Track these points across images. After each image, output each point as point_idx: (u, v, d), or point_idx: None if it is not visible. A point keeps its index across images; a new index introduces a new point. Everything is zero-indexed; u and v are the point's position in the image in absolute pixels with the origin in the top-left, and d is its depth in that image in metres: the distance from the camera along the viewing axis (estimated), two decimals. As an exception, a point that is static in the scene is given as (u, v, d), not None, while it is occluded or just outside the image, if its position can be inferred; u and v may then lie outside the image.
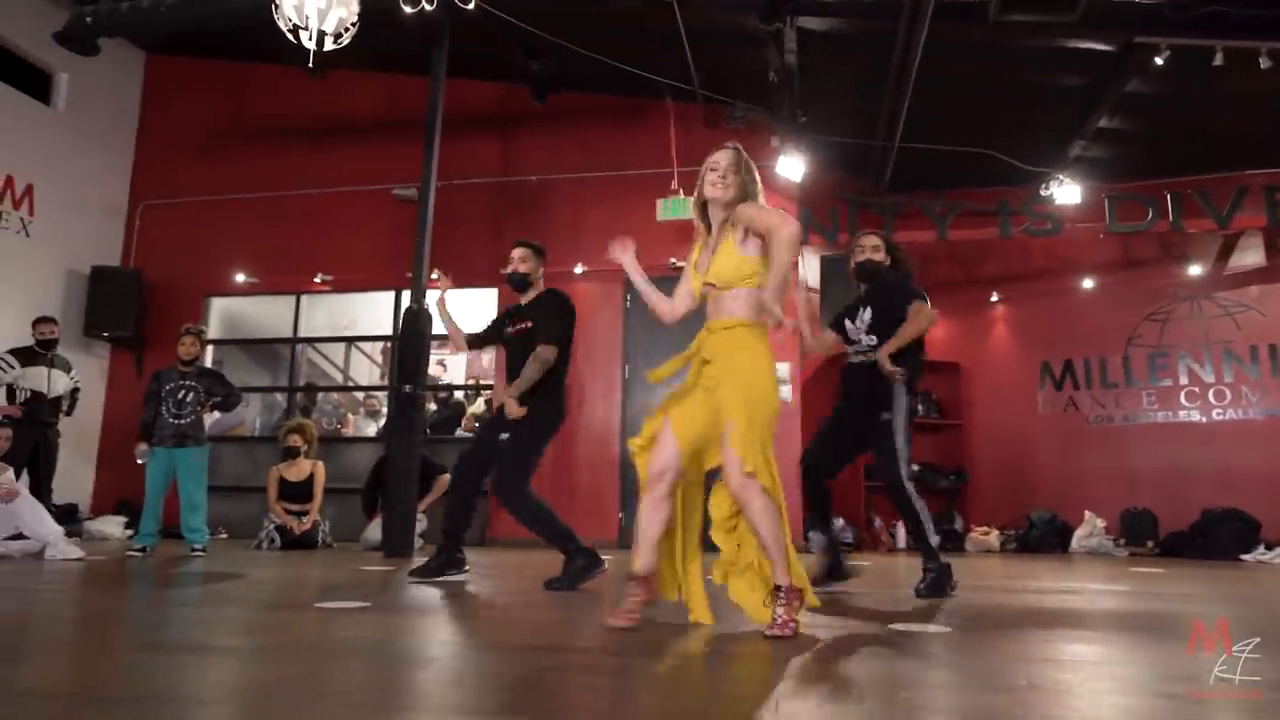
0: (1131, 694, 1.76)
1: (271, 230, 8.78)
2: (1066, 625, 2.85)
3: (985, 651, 2.27)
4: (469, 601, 3.46)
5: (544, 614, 3.06)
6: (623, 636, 2.38)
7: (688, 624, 2.62)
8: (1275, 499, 7.24)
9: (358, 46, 8.30)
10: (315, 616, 2.77)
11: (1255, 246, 7.80)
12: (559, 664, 2.06)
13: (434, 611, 3.04)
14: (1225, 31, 5.50)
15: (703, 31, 6.73)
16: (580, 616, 2.99)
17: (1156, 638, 2.57)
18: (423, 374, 6.22)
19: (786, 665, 2.01)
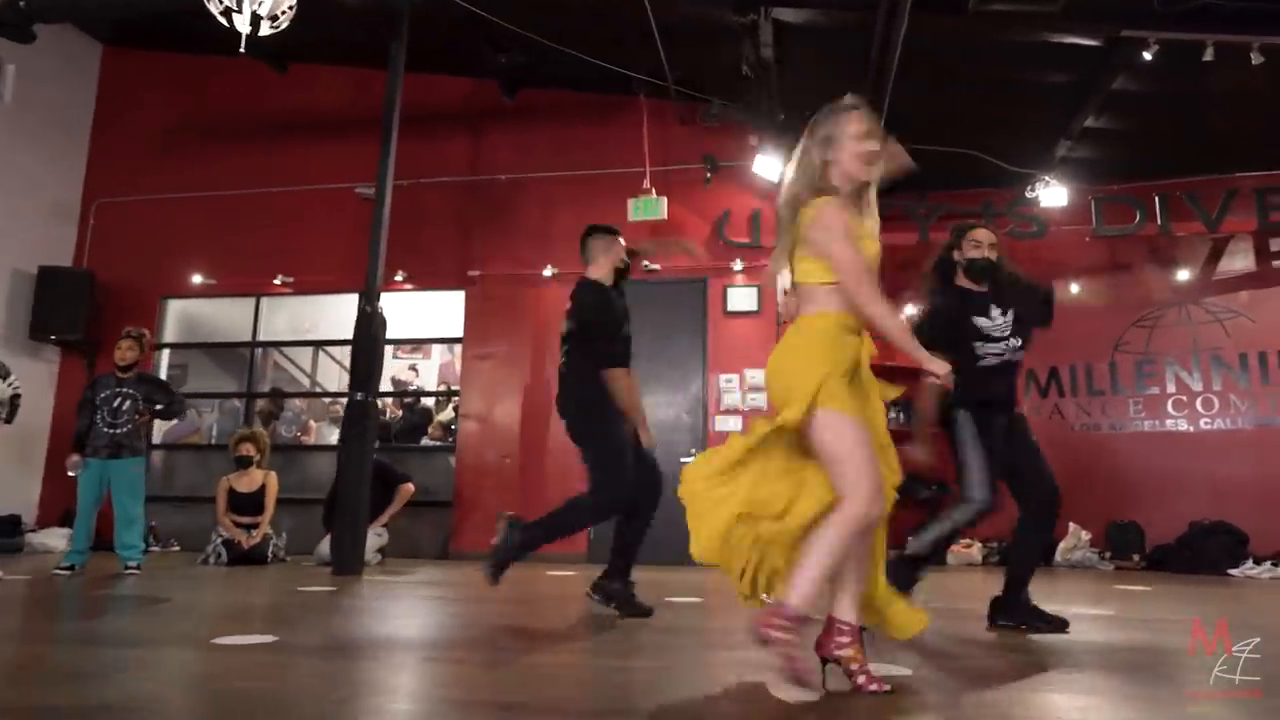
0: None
1: (231, 230, 8.44)
2: (1048, 667, 2.57)
3: (951, 708, 1.99)
4: (415, 632, 3.15)
5: (514, 655, 2.76)
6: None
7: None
8: (1264, 511, 6.99)
9: (319, 39, 8.11)
10: (202, 659, 2.47)
11: (1245, 251, 7.58)
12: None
13: (347, 651, 2.74)
14: (1216, 25, 5.26)
15: (675, 25, 6.46)
16: (569, 657, 2.69)
17: (1146, 681, 2.29)
18: (376, 380, 5.91)
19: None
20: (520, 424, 7.64)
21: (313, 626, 3.23)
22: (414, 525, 7.47)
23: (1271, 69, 5.45)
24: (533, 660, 2.61)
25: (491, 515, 7.48)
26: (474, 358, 7.93)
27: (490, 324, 7.90)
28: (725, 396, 7.28)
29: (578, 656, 2.75)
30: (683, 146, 7.68)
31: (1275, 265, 7.47)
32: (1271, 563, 6.72)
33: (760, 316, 7.39)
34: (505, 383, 7.76)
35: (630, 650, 2.84)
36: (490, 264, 7.94)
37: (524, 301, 7.83)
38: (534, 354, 7.78)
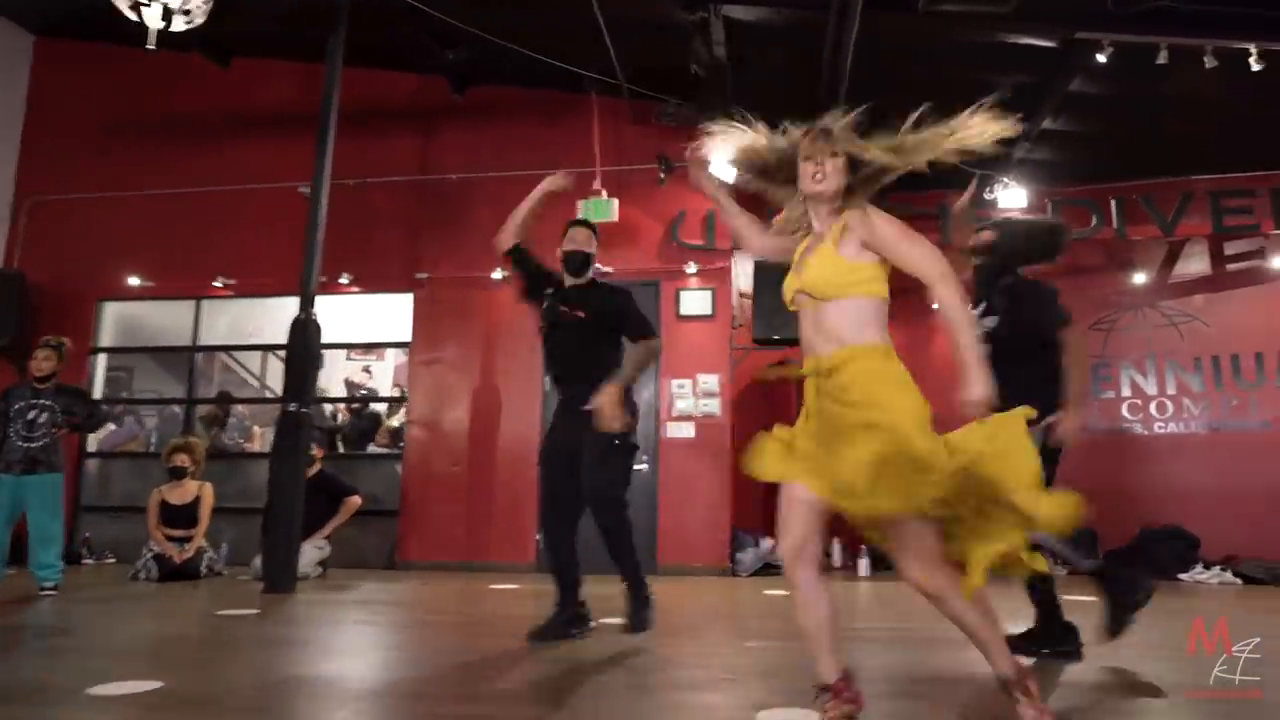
0: None
1: (170, 230, 8.13)
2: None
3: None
4: (333, 670, 2.96)
5: (436, 705, 2.57)
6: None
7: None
8: (1215, 516, 6.96)
9: (262, 32, 7.83)
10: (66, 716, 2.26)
11: (1200, 254, 7.55)
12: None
13: (238, 700, 2.53)
14: (1170, 28, 5.18)
15: (625, 22, 6.28)
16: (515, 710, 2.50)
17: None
18: (310, 390, 5.67)
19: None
20: (469, 431, 7.43)
21: (211, 665, 3.02)
22: (359, 535, 7.24)
23: (1225, 73, 5.39)
24: (459, 712, 2.43)
25: (440, 524, 7.29)
26: (422, 362, 7.70)
27: (439, 327, 7.68)
28: (678, 402, 7.12)
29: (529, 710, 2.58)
30: (636, 146, 7.50)
31: (1230, 269, 7.45)
32: (1220, 567, 6.71)
33: (714, 321, 7.24)
34: (454, 388, 7.54)
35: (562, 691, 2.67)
36: (439, 266, 7.71)
37: (474, 304, 7.61)
38: (484, 358, 7.57)
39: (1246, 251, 7.37)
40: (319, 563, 6.47)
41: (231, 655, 3.25)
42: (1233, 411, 7.25)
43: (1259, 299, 7.26)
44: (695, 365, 7.17)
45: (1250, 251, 7.34)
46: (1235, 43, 5.13)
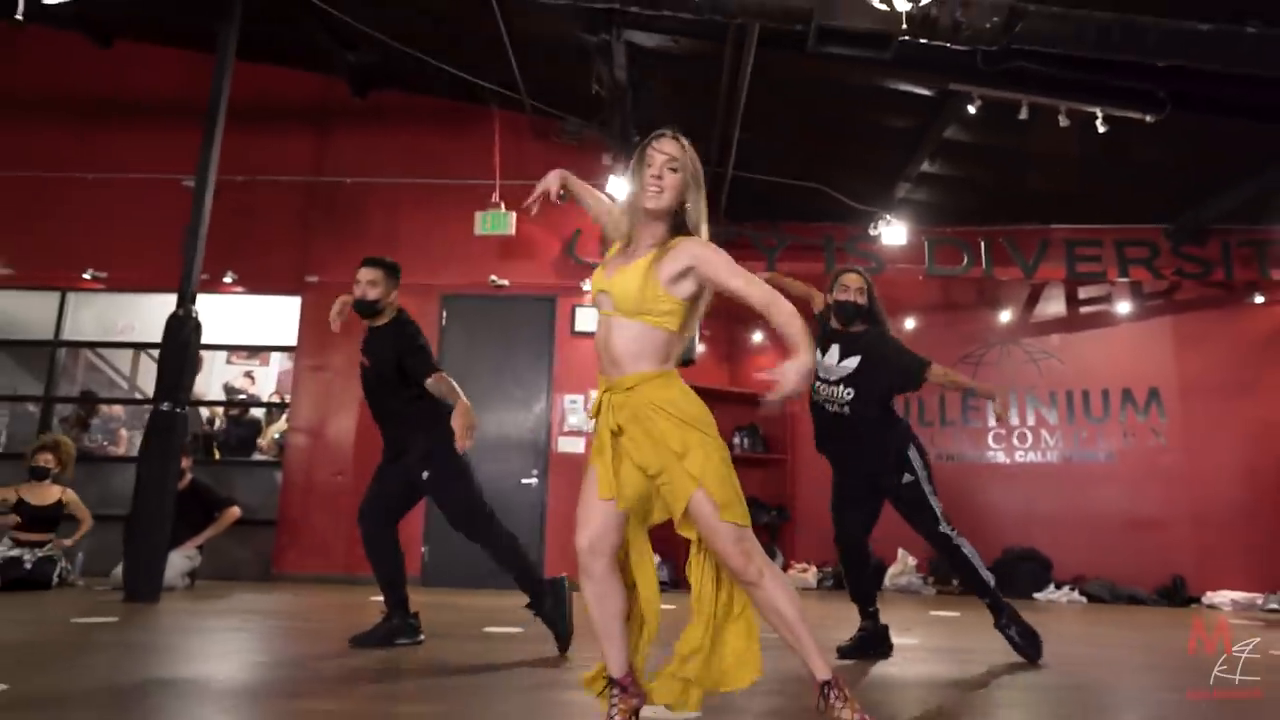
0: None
1: (34, 216, 7.66)
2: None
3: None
4: (190, 671, 2.85)
5: (286, 702, 2.50)
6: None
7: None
8: (1066, 540, 7.54)
9: (148, 15, 7.53)
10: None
11: (1058, 297, 8.18)
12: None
13: (92, 703, 2.43)
14: (1030, 87, 5.64)
15: (530, 38, 6.36)
16: (350, 704, 2.46)
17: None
18: (186, 390, 5.46)
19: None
20: (355, 439, 7.27)
21: (64, 669, 2.88)
22: (233, 546, 6.95)
23: (1079, 132, 5.89)
24: (310, 706, 2.40)
25: (320, 535, 7.09)
26: (308, 368, 7.50)
27: (328, 333, 7.42)
28: (570, 417, 7.18)
29: (365, 703, 2.56)
30: (537, 161, 7.55)
31: (1083, 312, 8.09)
32: (1069, 587, 7.23)
33: (608, 338, 7.35)
34: (340, 395, 7.37)
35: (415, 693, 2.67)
36: (330, 270, 7.54)
37: (364, 311, 7.47)
38: (373, 366, 7.43)
39: (1097, 296, 8.03)
40: (187, 573, 6.17)
41: (87, 659, 3.10)
42: (1082, 443, 7.85)
43: (1107, 341, 7.92)
44: (588, 381, 7.24)
45: (1100, 297, 8.01)
46: (1085, 106, 5.63)
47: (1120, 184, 7.15)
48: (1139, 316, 7.81)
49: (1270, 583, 6.74)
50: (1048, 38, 4.75)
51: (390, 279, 3.95)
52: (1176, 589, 7.09)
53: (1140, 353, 7.73)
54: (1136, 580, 7.23)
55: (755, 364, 9.07)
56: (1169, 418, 7.54)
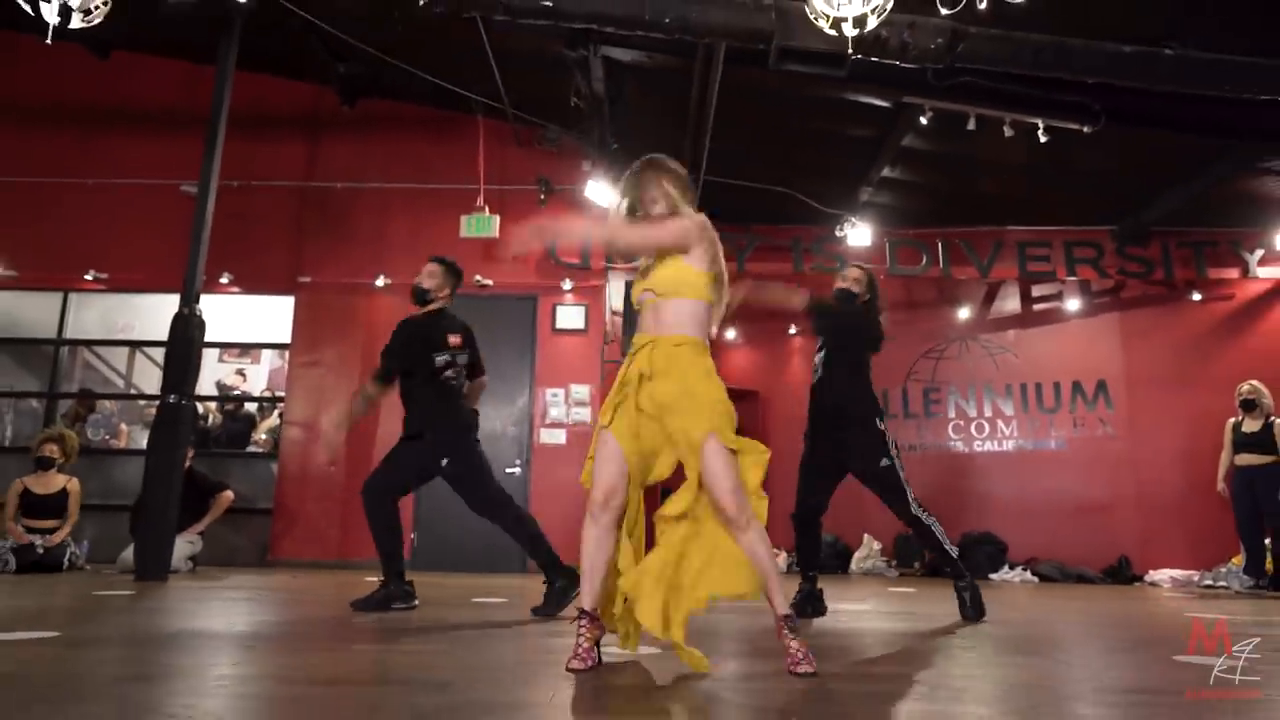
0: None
1: (37, 220, 7.99)
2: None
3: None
4: (220, 625, 3.22)
5: (330, 642, 2.89)
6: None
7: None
8: (1020, 523, 8.00)
9: (145, 29, 7.86)
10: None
11: (1013, 295, 8.65)
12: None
13: (142, 642, 2.81)
14: (977, 100, 6.09)
15: (512, 52, 6.75)
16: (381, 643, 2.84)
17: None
18: (191, 384, 5.81)
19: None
20: (347, 432, 7.61)
21: (104, 622, 3.25)
22: (231, 533, 7.31)
23: (1027, 142, 6.35)
24: (358, 646, 2.79)
25: (314, 523, 7.45)
26: (301, 364, 7.86)
27: (320, 331, 7.87)
28: (551, 410, 7.58)
29: (383, 643, 2.95)
30: (519, 167, 7.97)
31: (1036, 309, 8.57)
32: (1023, 568, 7.69)
33: (586, 334, 7.76)
34: (333, 390, 7.74)
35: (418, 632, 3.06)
36: (322, 271, 7.91)
37: (355, 310, 7.85)
38: (364, 363, 7.79)
39: (1048, 294, 8.52)
40: (190, 557, 6.53)
41: (118, 618, 3.47)
42: (1036, 433, 8.33)
43: (1058, 336, 8.40)
44: (568, 376, 7.65)
45: (1051, 295, 8.49)
46: (1027, 117, 6.10)
47: (1068, 189, 7.64)
48: (1088, 313, 8.30)
49: (1206, 561, 7.22)
50: (988, 57, 5.20)
51: (448, 275, 4.42)
52: (1121, 568, 7.57)
53: (1089, 347, 8.22)
54: (1086, 561, 7.70)
55: (728, 360, 9.50)
56: (1116, 408, 8.03)
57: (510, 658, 2.61)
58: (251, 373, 9.79)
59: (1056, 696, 2.04)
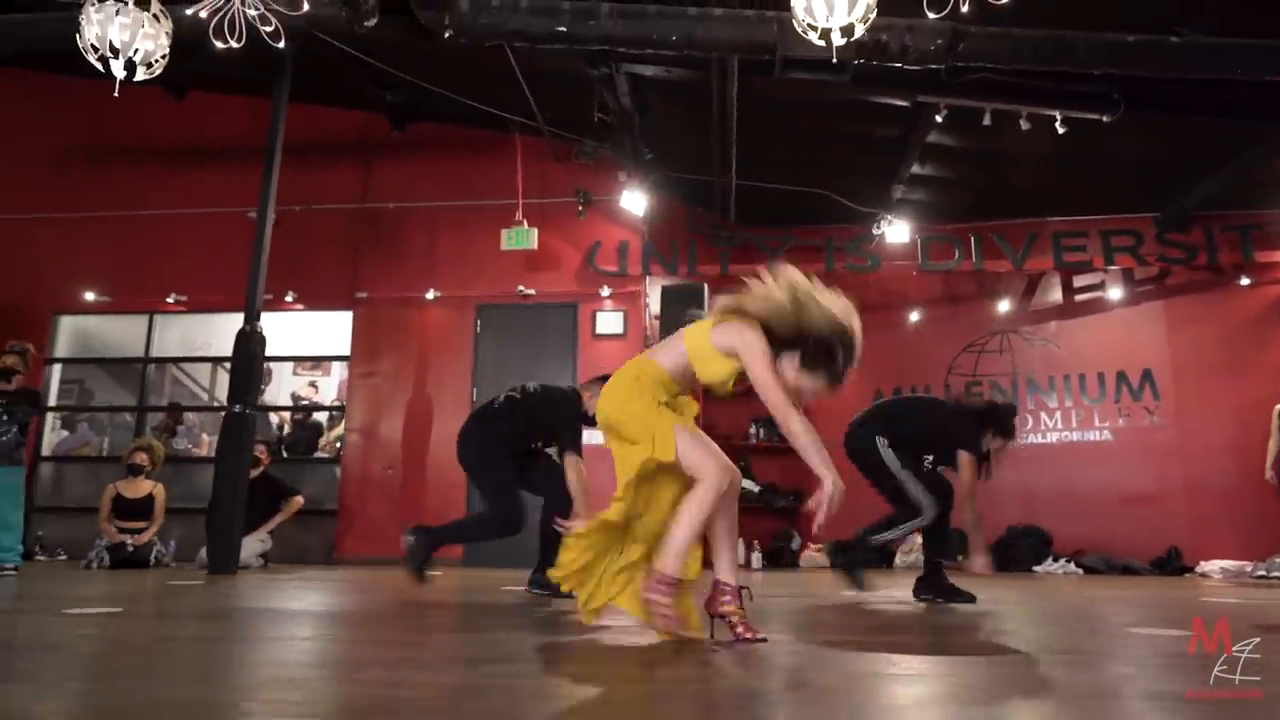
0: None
1: (125, 249, 8.76)
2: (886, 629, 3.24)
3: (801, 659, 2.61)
4: (277, 605, 3.64)
5: (396, 621, 3.27)
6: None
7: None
8: (1066, 516, 7.94)
9: (216, 70, 8.54)
10: (49, 624, 2.95)
11: (1055, 286, 8.59)
12: None
13: (193, 618, 3.23)
14: (992, 95, 6.16)
15: (543, 73, 7.12)
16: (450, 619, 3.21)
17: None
18: (255, 394, 6.35)
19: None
20: (402, 437, 8.13)
21: (167, 601, 3.70)
22: (300, 533, 7.88)
23: (1053, 134, 6.35)
24: (423, 622, 3.16)
25: (374, 523, 7.96)
26: (360, 375, 8.40)
27: (376, 343, 8.40)
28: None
29: (459, 618, 3.31)
30: (558, 181, 8.34)
31: (1078, 299, 8.48)
32: (1066, 560, 7.64)
33: (625, 339, 8.07)
34: (389, 398, 8.25)
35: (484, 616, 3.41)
36: (377, 286, 8.44)
37: (408, 322, 8.35)
38: (417, 372, 8.29)
39: (1090, 285, 8.42)
40: (260, 555, 7.10)
41: (184, 600, 3.93)
42: (1081, 424, 8.25)
43: (1101, 326, 8.30)
44: (608, 379, 7.96)
45: (1093, 285, 8.39)
46: (1043, 110, 6.13)
47: (1103, 178, 7.57)
48: (1131, 302, 8.18)
49: (1259, 551, 7.06)
50: (989, 55, 5.30)
51: None
52: (1171, 559, 7.45)
53: (1134, 336, 8.10)
54: (1135, 553, 7.60)
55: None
56: (1163, 397, 7.89)
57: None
58: (323, 384, 10.45)
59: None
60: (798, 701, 1.69)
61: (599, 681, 1.91)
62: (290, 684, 1.76)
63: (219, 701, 1.58)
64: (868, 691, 1.76)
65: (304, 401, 9.84)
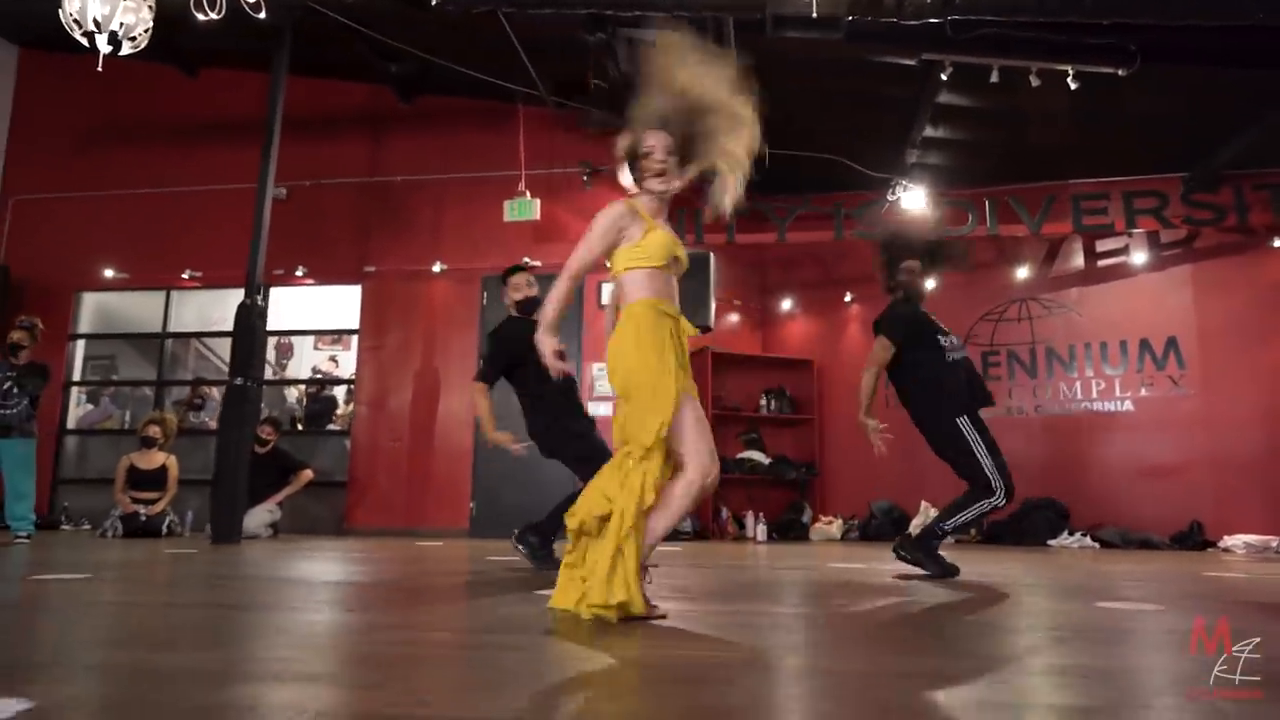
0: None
1: (144, 226, 8.90)
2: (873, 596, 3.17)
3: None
4: (249, 579, 3.68)
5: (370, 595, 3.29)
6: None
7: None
8: (1084, 488, 7.72)
9: (226, 46, 8.59)
10: (10, 591, 3.01)
11: (1076, 251, 8.29)
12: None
13: (155, 588, 3.27)
14: (1000, 50, 5.90)
15: (545, 40, 7.01)
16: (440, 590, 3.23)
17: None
18: (258, 367, 6.42)
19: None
20: (410, 409, 8.18)
21: (142, 570, 3.76)
22: (311, 504, 7.99)
23: (1071, 90, 6.07)
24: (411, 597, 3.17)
25: (383, 494, 8.04)
26: (369, 348, 8.45)
27: (384, 316, 8.44)
28: (598, 384, 7.87)
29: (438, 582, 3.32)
30: (564, 151, 8.25)
31: (1101, 265, 8.17)
32: (1081, 534, 7.44)
33: (631, 309, 7.98)
34: (398, 371, 8.30)
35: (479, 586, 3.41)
36: (385, 260, 8.47)
37: (416, 296, 8.37)
38: (425, 344, 8.32)
39: (1113, 249, 8.10)
40: (269, 524, 7.22)
41: (161, 567, 4.00)
42: (1102, 394, 7.99)
43: (1124, 292, 8.00)
44: (613, 350, 7.90)
45: (1116, 249, 8.08)
46: (1055, 65, 5.86)
47: (1125, 136, 7.25)
48: (1157, 266, 7.85)
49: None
50: (989, 6, 5.08)
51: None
52: (1193, 533, 7.20)
53: (1159, 302, 7.78)
54: (1156, 526, 7.36)
55: (783, 329, 9.54)
56: (1188, 365, 7.59)
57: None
58: (342, 358, 10.57)
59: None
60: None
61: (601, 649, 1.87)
62: (174, 646, 1.75)
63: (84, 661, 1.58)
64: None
65: (322, 375, 9.96)
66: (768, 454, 8.86)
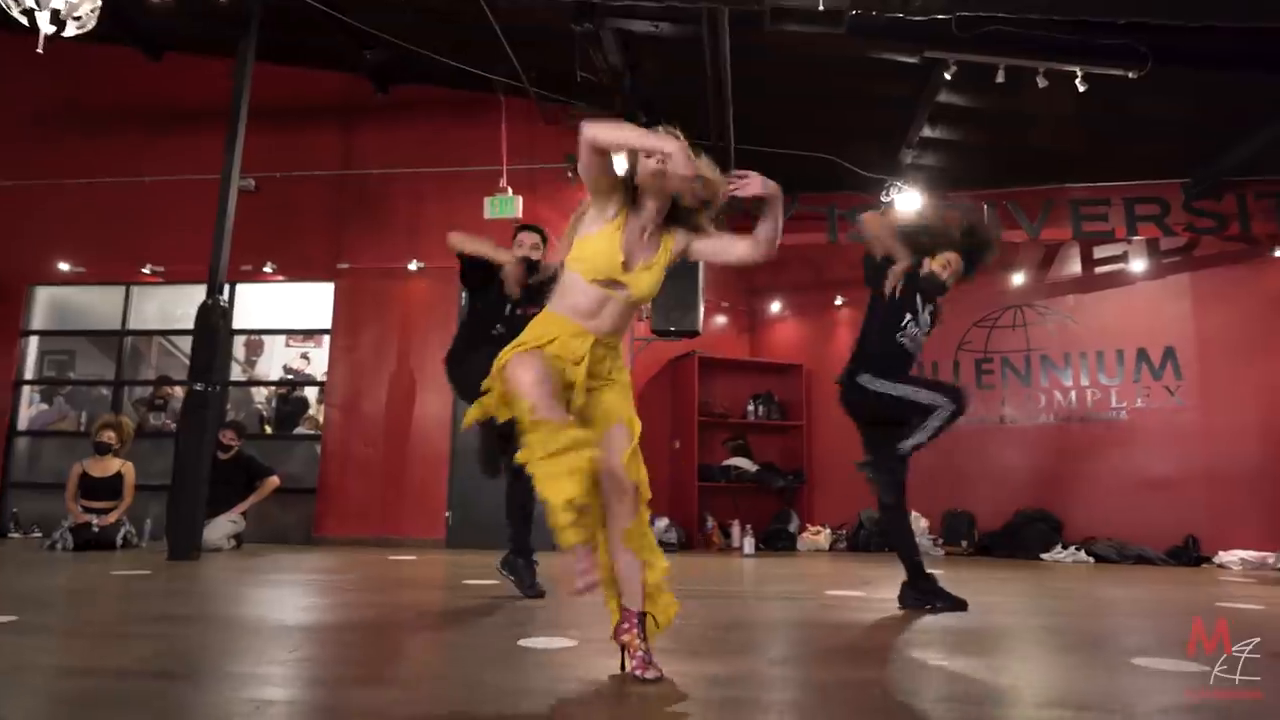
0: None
1: (101, 218, 8.43)
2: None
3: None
4: (188, 610, 3.35)
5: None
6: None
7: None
8: (1078, 501, 7.54)
9: (192, 29, 8.15)
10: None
11: (1073, 257, 8.09)
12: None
13: (90, 630, 2.93)
14: (1007, 49, 5.66)
15: (527, 30, 6.67)
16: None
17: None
18: (221, 370, 6.05)
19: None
20: (385, 413, 7.82)
21: (76, 605, 3.41)
22: (278, 512, 7.63)
23: (1076, 92, 5.84)
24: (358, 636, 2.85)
25: (355, 501, 7.68)
26: (342, 349, 8.08)
27: (358, 316, 8.07)
28: (580, 388, 7.55)
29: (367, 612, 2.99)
30: (547, 145, 7.91)
31: (1098, 272, 7.98)
32: (1075, 548, 7.25)
33: (616, 312, 7.67)
34: (372, 373, 7.94)
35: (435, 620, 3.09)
36: (360, 257, 8.10)
37: (391, 294, 8.01)
38: (400, 345, 7.97)
39: (1111, 256, 7.91)
40: (232, 536, 6.85)
41: (100, 599, 3.64)
42: (1097, 404, 7.80)
43: (1122, 300, 7.81)
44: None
45: (1114, 256, 7.89)
46: (1063, 65, 5.62)
47: (1128, 141, 7.04)
48: (1155, 275, 7.67)
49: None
50: (999, 2, 4.82)
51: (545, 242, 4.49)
52: (1188, 548, 7.03)
53: (1157, 311, 7.60)
54: (1150, 540, 7.18)
55: (771, 333, 9.28)
56: (1185, 376, 7.42)
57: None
58: (314, 356, 10.17)
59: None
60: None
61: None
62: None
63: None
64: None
65: (293, 375, 9.56)
66: (755, 461, 8.60)
